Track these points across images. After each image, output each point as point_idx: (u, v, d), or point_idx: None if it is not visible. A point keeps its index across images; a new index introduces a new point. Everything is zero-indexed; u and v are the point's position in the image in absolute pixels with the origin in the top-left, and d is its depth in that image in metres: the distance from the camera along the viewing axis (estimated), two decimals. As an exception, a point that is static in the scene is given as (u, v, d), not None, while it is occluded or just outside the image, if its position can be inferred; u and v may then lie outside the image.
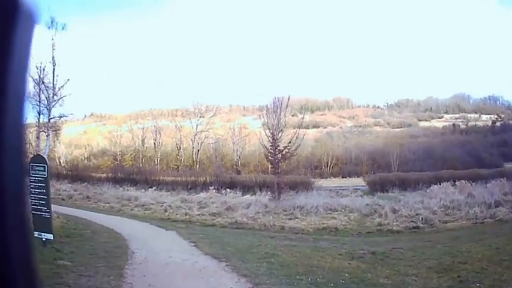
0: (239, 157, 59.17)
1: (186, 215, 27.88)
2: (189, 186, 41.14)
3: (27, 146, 39.97)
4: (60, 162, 63.52)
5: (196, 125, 63.71)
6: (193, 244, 17.25)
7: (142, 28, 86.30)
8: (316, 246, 18.48)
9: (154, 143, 66.77)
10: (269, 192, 33.08)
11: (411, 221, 24.48)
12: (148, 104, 72.47)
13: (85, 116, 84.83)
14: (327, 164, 53.25)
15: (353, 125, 64.73)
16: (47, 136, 38.03)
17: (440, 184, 32.10)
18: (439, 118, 64.45)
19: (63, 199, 34.93)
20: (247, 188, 38.89)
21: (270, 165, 37.99)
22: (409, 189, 34.62)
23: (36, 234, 14.33)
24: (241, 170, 54.78)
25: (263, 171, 47.56)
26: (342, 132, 63.48)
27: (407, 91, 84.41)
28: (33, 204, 14.79)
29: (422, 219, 24.53)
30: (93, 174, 53.66)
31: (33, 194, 14.86)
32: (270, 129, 33.56)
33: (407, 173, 42.17)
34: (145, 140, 67.77)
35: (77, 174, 51.94)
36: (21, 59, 1.45)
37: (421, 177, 38.40)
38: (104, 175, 52.84)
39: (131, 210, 30.46)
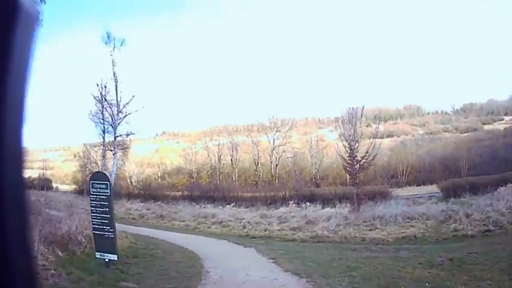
0: (317, 170, 59.57)
1: (265, 231, 27.34)
2: (268, 202, 41.25)
3: (93, 164, 40.79)
4: (131, 182, 65.06)
5: (273, 140, 64.37)
6: (272, 260, 16.64)
7: (211, 41, 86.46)
8: (396, 256, 18.16)
9: (231, 159, 67.16)
10: (348, 204, 33.02)
11: (483, 225, 24.04)
12: (222, 120, 72.92)
13: (156, 135, 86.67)
14: (402, 172, 54.19)
15: (424, 133, 66.90)
16: (113, 155, 38.43)
17: (505, 186, 31.43)
18: (500, 120, 65.32)
19: (134, 218, 35.40)
20: (326, 200, 39.16)
21: (348, 177, 38.54)
22: (479, 193, 33.97)
23: (98, 255, 14.09)
24: (320, 183, 55.19)
25: (342, 183, 48.26)
26: (415, 140, 65.31)
27: (469, 94, 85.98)
28: (95, 224, 14.57)
29: (492, 221, 24.08)
30: (168, 192, 54.17)
31: (94, 213, 14.63)
32: (346, 140, 33.36)
33: (476, 177, 41.86)
34: (221, 157, 68.28)
35: (149, 193, 52.46)
36: (22, 59, 1.48)
37: (488, 180, 38.03)
38: (179, 193, 53.34)
39: (208, 228, 30.24)
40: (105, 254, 14.14)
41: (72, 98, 63.80)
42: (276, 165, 62.05)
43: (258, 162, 64.37)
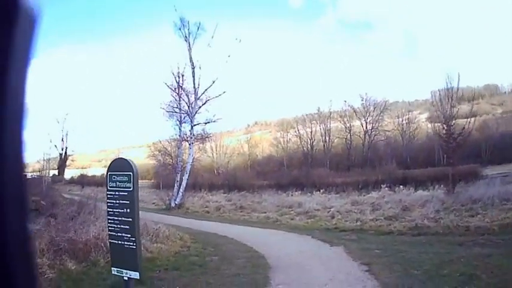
0: (408, 152, 59.48)
1: (356, 221, 22.42)
2: (360, 186, 38.29)
3: (167, 157, 37.46)
4: (218, 172, 63.02)
5: (366, 123, 63.87)
6: (366, 268, 11.85)
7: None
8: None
9: (324, 145, 66.20)
10: (442, 186, 30.67)
11: None
12: (315, 106, 71.30)
13: (248, 125, 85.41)
14: (485, 151, 52.59)
15: (503, 111, 66.27)
16: (189, 145, 35.04)
17: None
18: None
19: (207, 212, 32.07)
20: (419, 183, 36.85)
21: (443, 156, 39.73)
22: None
23: (115, 271, 9.41)
24: (410, 165, 53.78)
25: (431, 165, 48.69)
26: (495, 119, 63.85)
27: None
28: (111, 230, 9.83)
29: None
30: (254, 182, 50.42)
31: (111, 215, 9.84)
32: (443, 117, 31.56)
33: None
34: (314, 143, 67.51)
35: (234, 183, 49.11)
36: (22, 59, 1.47)
37: None
38: (266, 182, 49.98)
39: (291, 219, 25.53)
40: (124, 271, 9.42)
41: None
42: (368, 149, 61.37)
43: (350, 147, 62.92)
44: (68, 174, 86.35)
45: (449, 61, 79.19)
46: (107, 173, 10.03)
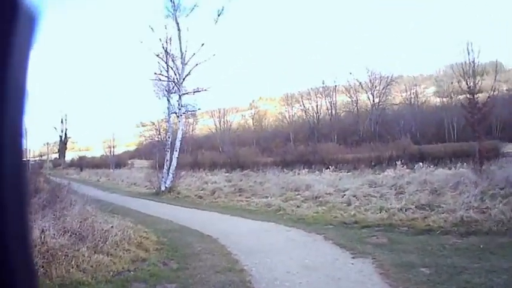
0: (417, 127, 57.31)
1: (380, 211, 16.46)
2: (372, 163, 35.10)
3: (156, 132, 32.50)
4: (222, 150, 62.27)
5: (373, 97, 63.33)
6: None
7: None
8: None
9: (330, 119, 65.74)
10: (465, 164, 27.62)
11: None
12: (320, 80, 74.49)
13: (253, 101, 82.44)
14: (496, 129, 51.65)
15: (508, 88, 64.02)
16: (178, 117, 30.44)
17: None
18: None
19: (200, 197, 26.91)
20: (436, 160, 34.48)
21: (455, 131, 41.33)
22: None
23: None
24: (420, 141, 51.28)
25: (440, 140, 48.28)
26: (501, 96, 58.79)
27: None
28: None
29: None
30: (259, 159, 47.71)
31: None
32: (468, 88, 28.70)
33: None
34: (319, 117, 67.07)
35: (237, 161, 46.73)
36: (22, 59, 1.44)
37: None
38: (271, 159, 46.76)
39: (297, 207, 19.59)
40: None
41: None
42: (377, 123, 59.72)
43: (358, 121, 62.03)
44: (71, 156, 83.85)
45: (453, 36, 77.36)
46: None
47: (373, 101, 62.84)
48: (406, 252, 10.49)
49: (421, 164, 29.04)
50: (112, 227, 11.78)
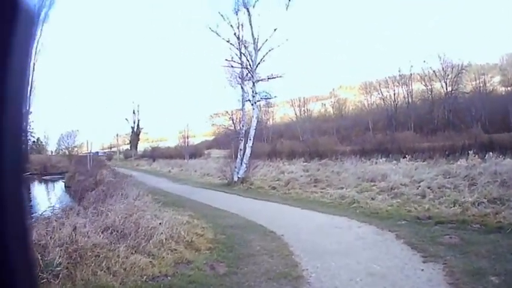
0: (486, 115, 56.04)
1: (454, 204, 15.11)
2: (446, 152, 33.98)
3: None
4: (302, 139, 62.26)
5: (446, 85, 62.75)
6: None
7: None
8: None
9: (407, 107, 65.06)
10: None
11: None
12: (396, 69, 71.41)
13: (333, 89, 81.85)
14: None
15: None
16: (252, 105, 29.30)
17: None
18: None
19: (273, 188, 25.53)
20: (506, 149, 31.41)
21: None
22: None
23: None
24: (489, 129, 49.93)
25: (506, 129, 46.36)
26: None
27: None
28: None
29: None
30: (337, 148, 46.96)
31: None
32: None
33: None
34: (397, 105, 66.59)
35: (316, 150, 45.84)
36: (22, 59, 1.45)
37: None
38: (350, 148, 46.43)
39: (372, 199, 18.21)
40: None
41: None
42: (450, 111, 59.77)
43: (433, 109, 61.88)
44: (144, 147, 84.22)
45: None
46: None
47: (446, 89, 62.03)
48: (478, 256, 9.11)
49: (491, 153, 27.44)
50: (160, 223, 10.81)
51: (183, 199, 21.95)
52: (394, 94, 67.22)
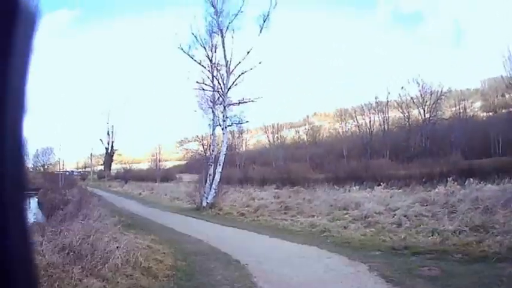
0: (466, 142, 54.83)
1: (433, 234, 14.52)
2: (423, 180, 32.78)
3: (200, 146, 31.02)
4: (275, 165, 61.41)
5: (424, 111, 62.16)
6: None
7: None
8: None
9: (383, 134, 65.08)
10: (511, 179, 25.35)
11: None
12: (372, 96, 70.63)
13: (307, 116, 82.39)
14: None
15: None
16: (222, 129, 28.70)
17: None
18: None
19: (242, 214, 24.96)
20: (486, 175, 30.34)
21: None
22: None
23: None
24: (469, 155, 49.02)
25: (485, 155, 47.50)
26: None
27: None
28: None
29: None
30: (310, 175, 46.34)
31: None
32: None
33: None
34: (373, 132, 66.02)
35: (288, 177, 44.98)
36: (22, 59, 1.43)
37: None
38: (323, 175, 45.43)
39: (344, 228, 17.53)
40: None
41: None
42: (427, 138, 59.17)
43: (409, 137, 61.44)
44: (118, 168, 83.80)
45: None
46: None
47: (424, 116, 61.94)
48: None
49: (471, 179, 26.98)
50: (118, 247, 10.02)
51: (149, 222, 21.43)
52: (370, 121, 67.14)
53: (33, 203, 37.55)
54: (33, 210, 27.64)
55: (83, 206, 17.87)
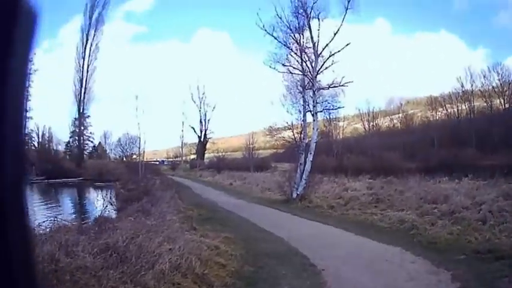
0: None
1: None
2: (505, 171, 29.55)
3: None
4: (371, 154, 58.56)
5: (504, 102, 60.85)
6: None
7: None
8: None
9: (470, 123, 62.11)
10: None
11: None
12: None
13: (401, 104, 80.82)
14: None
15: None
16: (312, 116, 27.22)
17: None
18: None
19: (332, 207, 23.37)
20: None
21: None
22: None
23: None
24: None
25: None
26: None
27: None
28: None
29: None
30: (402, 165, 45.15)
31: None
32: None
33: None
34: (461, 121, 64.37)
35: (382, 166, 43.34)
36: (22, 59, 1.42)
37: None
38: (415, 165, 44.38)
39: (432, 225, 15.91)
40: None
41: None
42: (510, 128, 56.08)
43: (493, 126, 58.27)
44: (209, 158, 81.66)
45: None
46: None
47: (504, 105, 60.64)
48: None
49: None
50: (170, 248, 9.05)
51: (230, 216, 20.60)
52: (458, 110, 65.78)
53: (109, 195, 37.18)
54: (106, 203, 26.35)
55: (159, 200, 17.09)
